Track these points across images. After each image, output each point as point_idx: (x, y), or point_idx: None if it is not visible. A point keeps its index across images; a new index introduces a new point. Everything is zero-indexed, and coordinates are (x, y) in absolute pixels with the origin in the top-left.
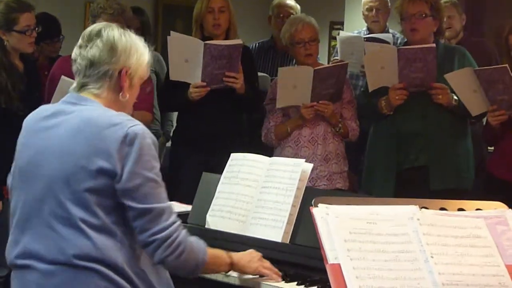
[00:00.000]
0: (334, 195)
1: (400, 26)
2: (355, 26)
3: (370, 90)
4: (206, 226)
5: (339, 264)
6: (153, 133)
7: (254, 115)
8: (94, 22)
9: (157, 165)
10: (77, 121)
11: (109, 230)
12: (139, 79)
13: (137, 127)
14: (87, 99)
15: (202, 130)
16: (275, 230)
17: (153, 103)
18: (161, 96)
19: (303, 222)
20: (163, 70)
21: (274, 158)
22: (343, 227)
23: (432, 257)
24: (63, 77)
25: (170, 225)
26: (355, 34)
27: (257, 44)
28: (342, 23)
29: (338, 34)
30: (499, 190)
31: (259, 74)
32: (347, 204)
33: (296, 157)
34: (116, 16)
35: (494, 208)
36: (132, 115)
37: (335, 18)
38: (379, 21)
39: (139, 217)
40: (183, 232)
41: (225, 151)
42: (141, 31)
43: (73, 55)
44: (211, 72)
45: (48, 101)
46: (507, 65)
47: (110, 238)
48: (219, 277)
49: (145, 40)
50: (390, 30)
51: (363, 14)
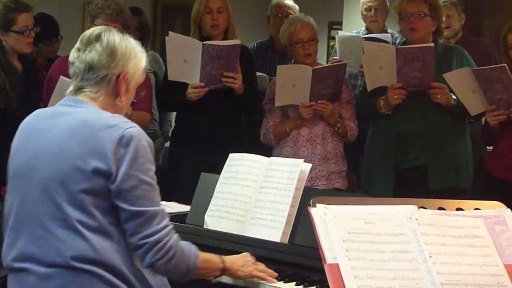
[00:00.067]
0: (332, 195)
1: (398, 26)
2: (353, 26)
3: (368, 90)
4: (204, 226)
5: (337, 264)
6: (151, 133)
7: (253, 115)
8: (92, 22)
9: (152, 167)
10: (73, 123)
11: (106, 231)
12: (135, 84)
13: (133, 129)
14: (83, 102)
15: (200, 130)
16: (274, 230)
17: (151, 103)
18: (160, 97)
19: (302, 222)
20: (161, 70)
21: (272, 158)
22: (341, 227)
23: (430, 256)
24: (61, 77)
25: (161, 229)
26: (354, 34)
27: (255, 44)
28: (340, 23)
29: (337, 34)
30: (498, 189)
31: (258, 74)
32: (345, 204)
33: (295, 157)
34: (114, 17)
35: (493, 208)
36: (131, 116)
37: (334, 18)
38: (378, 21)
39: (131, 219)
40: (175, 236)
41: (224, 151)
42: (140, 31)
43: (71, 57)
44: (210, 73)
45: (47, 101)
46: (505, 64)
47: (107, 239)
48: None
49: (144, 40)
50: (389, 30)
51: (362, 14)
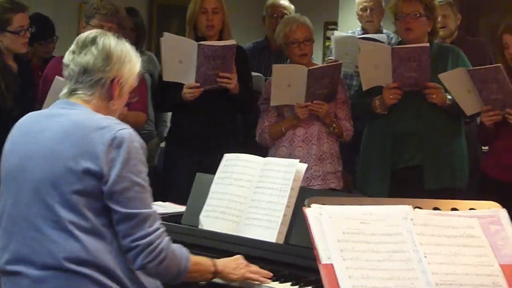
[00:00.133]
0: (328, 195)
1: (394, 26)
2: (349, 26)
3: (364, 89)
4: (199, 227)
5: (332, 264)
6: (147, 133)
7: (248, 115)
8: (88, 22)
9: (144, 169)
10: (65, 124)
11: (99, 232)
12: (129, 88)
13: (125, 130)
14: (76, 104)
15: (196, 131)
16: (269, 231)
17: (147, 103)
18: (155, 97)
19: (297, 223)
20: (157, 70)
21: (268, 158)
22: (336, 227)
23: (425, 257)
24: (57, 77)
25: (153, 232)
26: (350, 34)
27: (251, 45)
28: (336, 24)
29: (333, 34)
30: (493, 189)
31: (253, 74)
32: (340, 204)
33: (291, 157)
34: (109, 17)
35: (488, 208)
36: (127, 115)
37: (329, 18)
38: (373, 21)
39: (123, 222)
40: (166, 239)
41: (219, 152)
42: (135, 31)
43: (65, 60)
44: (205, 73)
45: (42, 102)
46: (500, 64)
47: (100, 240)
48: None
49: (139, 40)
50: (384, 30)
51: (357, 14)
